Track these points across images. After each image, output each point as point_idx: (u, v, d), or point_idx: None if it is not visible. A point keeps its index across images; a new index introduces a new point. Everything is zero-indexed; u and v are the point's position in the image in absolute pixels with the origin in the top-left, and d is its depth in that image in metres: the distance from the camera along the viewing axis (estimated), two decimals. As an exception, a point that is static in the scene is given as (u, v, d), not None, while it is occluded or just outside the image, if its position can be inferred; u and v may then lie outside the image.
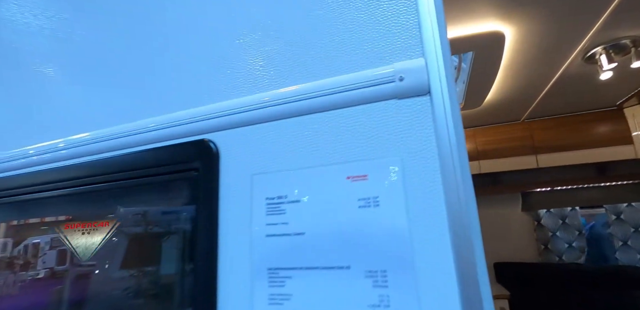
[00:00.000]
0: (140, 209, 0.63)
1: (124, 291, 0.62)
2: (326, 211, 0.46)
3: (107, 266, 0.62)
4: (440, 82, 0.44)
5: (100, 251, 0.60)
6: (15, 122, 0.78)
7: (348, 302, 0.43)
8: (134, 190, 0.63)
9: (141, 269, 0.60)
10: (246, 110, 0.54)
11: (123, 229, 0.63)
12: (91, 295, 0.67)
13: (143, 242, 0.62)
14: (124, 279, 0.61)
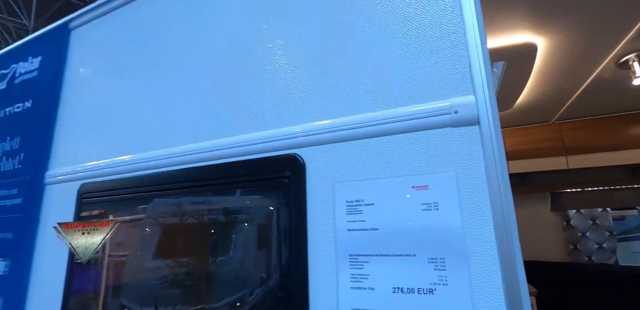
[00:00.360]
0: (242, 206, 0.79)
1: (242, 266, 0.79)
2: (396, 212, 0.61)
3: (227, 251, 0.79)
4: (487, 114, 0.58)
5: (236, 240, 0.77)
6: (149, 131, 0.97)
7: (414, 281, 0.57)
8: (234, 193, 0.79)
9: (250, 252, 0.76)
10: (327, 132, 0.69)
11: (228, 221, 0.80)
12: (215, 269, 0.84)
13: (248, 233, 0.79)
14: (245, 258, 0.78)
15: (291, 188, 0.70)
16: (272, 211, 0.74)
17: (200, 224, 0.86)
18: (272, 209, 0.74)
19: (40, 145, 1.17)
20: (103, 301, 0.93)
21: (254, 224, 0.78)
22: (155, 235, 0.94)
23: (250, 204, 0.79)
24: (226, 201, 0.82)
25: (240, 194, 0.80)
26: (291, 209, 0.69)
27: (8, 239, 1.12)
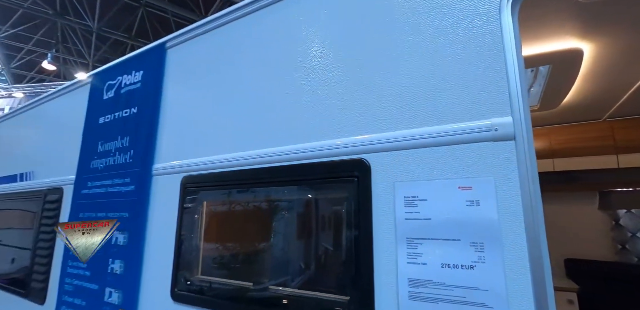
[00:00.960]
0: (320, 198, 1.01)
1: (322, 244, 1.01)
2: (445, 206, 0.78)
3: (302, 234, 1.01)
4: (522, 132, 0.73)
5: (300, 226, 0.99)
6: (240, 134, 1.21)
7: (458, 259, 0.75)
8: (313, 186, 1.01)
9: (327, 234, 0.97)
10: (389, 142, 0.88)
11: (307, 211, 1.02)
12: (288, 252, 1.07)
13: (325, 219, 1.00)
14: (324, 238, 1.00)
15: (359, 185, 0.90)
16: (344, 203, 0.94)
17: (283, 211, 1.08)
18: (344, 201, 0.94)
19: (146, 143, 1.45)
20: (202, 264, 1.19)
21: (330, 212, 0.99)
22: (246, 219, 1.18)
23: (326, 196, 1.00)
24: (308, 194, 1.04)
25: (318, 188, 1.02)
26: (359, 201, 0.89)
27: (125, 217, 1.42)
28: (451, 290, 0.74)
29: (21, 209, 2.16)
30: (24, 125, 2.38)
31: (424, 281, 0.77)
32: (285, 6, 1.17)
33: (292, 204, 1.09)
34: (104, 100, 1.73)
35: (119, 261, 1.38)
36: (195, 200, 1.26)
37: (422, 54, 0.88)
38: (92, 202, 1.59)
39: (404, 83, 0.89)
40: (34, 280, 1.80)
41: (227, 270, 1.19)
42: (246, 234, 1.22)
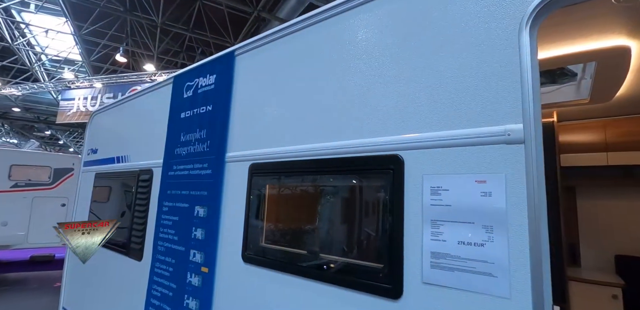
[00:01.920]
0: (362, 185, 1.23)
1: (362, 224, 1.25)
2: (463, 196, 0.97)
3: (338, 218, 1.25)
4: (530, 137, 0.89)
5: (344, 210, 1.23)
6: (297, 130, 1.47)
7: (472, 238, 0.94)
8: (357, 175, 1.23)
9: (366, 216, 1.21)
10: (420, 141, 1.07)
11: (347, 197, 1.25)
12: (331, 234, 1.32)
13: (365, 203, 1.23)
14: (364, 219, 1.24)
15: (394, 176, 1.10)
16: (381, 190, 1.16)
17: (331, 194, 1.33)
18: (381, 189, 1.16)
19: (220, 136, 1.76)
20: (265, 234, 1.48)
21: (370, 197, 1.22)
22: (301, 199, 1.44)
23: (367, 184, 1.23)
24: (352, 181, 1.27)
25: (361, 177, 1.24)
26: (394, 189, 1.10)
27: (204, 195, 1.76)
28: (464, 262, 0.94)
29: (120, 186, 2.64)
30: (120, 116, 2.84)
31: (443, 254, 0.97)
32: (337, 22, 1.37)
33: (338, 189, 1.33)
34: (184, 98, 2.06)
35: (201, 229, 1.72)
36: (259, 183, 1.55)
37: (450, 70, 1.05)
38: (178, 182, 1.96)
39: (434, 94, 1.07)
40: (132, 242, 2.25)
41: (285, 240, 1.48)
42: (301, 212, 1.49)
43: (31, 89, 11.35)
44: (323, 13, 1.42)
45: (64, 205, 7.96)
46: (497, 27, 0.98)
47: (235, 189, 1.63)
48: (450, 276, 0.95)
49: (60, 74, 13.61)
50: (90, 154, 3.14)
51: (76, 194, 3.24)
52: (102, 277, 2.56)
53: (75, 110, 11.39)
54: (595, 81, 2.04)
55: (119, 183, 2.66)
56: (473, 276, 0.92)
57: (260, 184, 1.55)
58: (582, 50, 1.62)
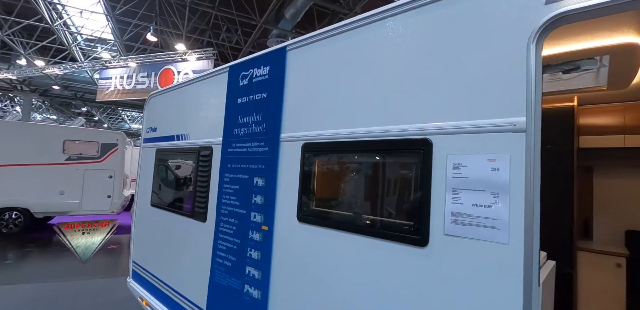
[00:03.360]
0: (400, 163, 1.57)
1: (399, 192, 1.59)
2: (477, 171, 1.28)
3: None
4: (531, 128, 1.18)
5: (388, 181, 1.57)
6: (343, 114, 1.80)
7: (482, 202, 1.26)
8: (393, 154, 1.57)
9: (402, 187, 1.55)
10: (445, 128, 1.37)
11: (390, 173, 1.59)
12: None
13: (400, 177, 1.56)
14: (401, 189, 1.58)
15: (424, 155, 1.42)
16: (413, 166, 1.48)
17: (372, 168, 1.67)
18: (413, 165, 1.48)
19: (275, 119, 2.11)
20: (315, 200, 1.86)
21: (404, 171, 1.55)
22: (347, 173, 1.79)
23: (402, 161, 1.56)
24: (389, 158, 1.60)
25: (396, 156, 1.57)
26: (423, 165, 1.42)
27: (262, 168, 2.13)
28: (476, 219, 1.27)
29: (181, 159, 3.08)
30: (178, 99, 3.23)
31: (461, 213, 1.30)
32: (378, 25, 1.65)
33: (377, 165, 1.67)
34: (240, 86, 2.41)
35: (260, 196, 2.11)
36: (311, 159, 1.90)
37: (471, 72, 1.33)
38: (237, 157, 2.34)
39: (458, 91, 1.36)
40: (197, 207, 2.70)
41: (332, 205, 1.84)
42: (346, 183, 1.84)
43: (72, 68, 12.02)
44: (365, 19, 1.70)
45: (111, 177, 8.72)
46: (511, 41, 1.24)
47: (289, 164, 1.99)
48: (465, 229, 1.29)
49: (94, 53, 14.20)
50: (150, 132, 3.59)
51: (138, 166, 3.73)
52: (168, 236, 3.06)
53: (113, 89, 12.03)
54: (610, 71, 2.24)
55: (180, 157, 3.10)
56: (482, 229, 1.25)
57: (311, 159, 1.90)
58: (593, 46, 1.83)
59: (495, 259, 1.21)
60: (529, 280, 1.14)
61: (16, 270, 5.91)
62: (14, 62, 13.51)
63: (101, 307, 4.29)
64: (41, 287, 4.91)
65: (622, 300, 2.78)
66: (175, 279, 2.90)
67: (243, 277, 2.13)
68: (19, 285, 5.00)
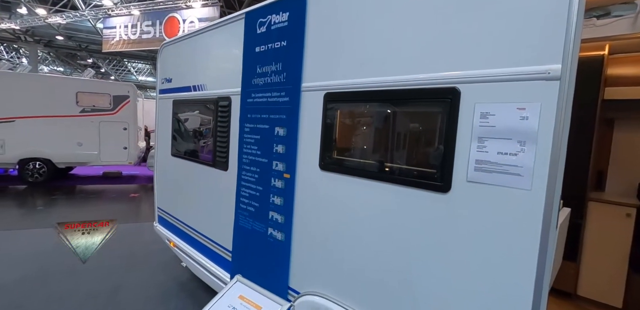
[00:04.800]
0: (427, 111, 1.57)
1: (429, 141, 1.62)
2: (506, 119, 1.28)
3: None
4: (566, 75, 1.15)
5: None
6: (365, 63, 1.76)
7: (508, 150, 1.28)
8: (419, 104, 1.56)
9: (428, 134, 1.56)
10: (474, 76, 1.35)
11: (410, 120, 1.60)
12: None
13: (427, 125, 1.57)
14: (428, 137, 1.60)
15: (451, 104, 1.42)
16: (440, 114, 1.49)
17: (396, 117, 1.67)
18: (440, 114, 1.48)
19: (295, 68, 2.07)
20: (336, 148, 1.90)
21: (430, 119, 1.56)
22: (370, 121, 1.81)
23: (428, 110, 1.56)
24: (416, 107, 1.60)
25: (424, 104, 1.57)
26: (450, 113, 1.42)
27: (283, 118, 2.15)
28: (500, 166, 1.30)
29: (200, 110, 3.10)
30: (192, 48, 3.16)
31: (485, 161, 1.33)
32: (411, -36, 1.53)
33: (403, 114, 1.67)
34: (258, 34, 2.33)
35: (281, 145, 2.16)
36: (333, 109, 1.90)
37: (505, 16, 1.27)
38: (257, 107, 2.35)
39: (490, 37, 1.31)
40: (218, 157, 2.78)
41: (355, 153, 1.89)
42: (369, 131, 1.86)
43: (74, 17, 11.58)
44: (397, -45, 1.57)
45: (125, 129, 8.87)
46: (557, -22, 1.16)
47: (311, 114, 2.00)
48: (488, 176, 1.33)
49: (95, 0, 13.55)
50: (165, 83, 3.57)
51: (156, 117, 3.77)
52: (190, 183, 3.20)
53: (119, 39, 11.67)
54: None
55: (198, 108, 3.12)
56: (505, 176, 1.29)
57: (334, 109, 1.90)
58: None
59: (516, 203, 1.26)
60: (547, 224, 1.20)
61: (47, 215, 6.33)
62: (14, 10, 13.02)
63: (131, 247, 4.66)
64: (73, 231, 5.30)
65: (627, 248, 2.91)
66: (200, 222, 3.09)
67: (267, 221, 2.27)
68: (54, 228, 5.39)
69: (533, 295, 1.22)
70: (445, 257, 1.44)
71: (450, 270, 1.42)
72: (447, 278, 1.43)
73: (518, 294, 1.25)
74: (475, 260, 1.35)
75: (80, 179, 9.68)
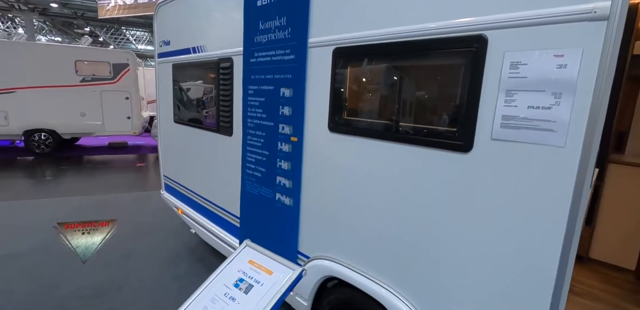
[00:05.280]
0: (450, 63, 1.42)
1: (453, 93, 1.49)
2: (539, 69, 1.14)
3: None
4: (615, 15, 0.99)
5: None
6: (376, 14, 1.59)
7: (541, 103, 1.15)
8: (439, 55, 1.41)
9: (453, 86, 1.43)
10: (501, 21, 1.19)
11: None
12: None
13: (446, 77, 1.43)
14: (452, 88, 1.47)
15: (477, 53, 1.27)
16: (463, 66, 1.34)
17: (415, 71, 1.53)
18: (463, 65, 1.34)
19: (301, 22, 1.89)
20: (347, 108, 1.78)
21: (453, 72, 1.42)
22: (384, 77, 1.67)
23: (451, 62, 1.41)
24: (436, 59, 1.45)
25: (446, 56, 1.41)
26: (475, 64, 1.28)
27: (289, 77, 2.01)
28: (530, 122, 1.17)
29: (200, 74, 2.95)
30: (189, 7, 2.94)
31: (513, 116, 1.21)
32: None
33: (421, 68, 1.53)
34: (260, -16, 2.12)
35: (288, 107, 2.04)
36: (342, 66, 1.76)
37: (554, -57, 1.08)
38: (260, 68, 2.20)
39: (532, -30, 1.13)
40: (221, 122, 2.67)
41: (367, 113, 1.77)
42: (383, 88, 1.73)
43: (66, -20, 10.97)
44: None
45: (128, 99, 8.72)
46: None
47: (318, 72, 1.86)
48: (516, 133, 1.21)
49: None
50: (163, 46, 3.38)
51: (156, 83, 3.62)
52: (195, 150, 3.12)
53: (114, 4, 11.16)
54: None
55: (198, 72, 2.96)
56: (535, 132, 1.17)
57: (344, 66, 1.76)
58: None
59: (547, 162, 1.15)
60: (580, 185, 1.10)
61: (57, 185, 6.39)
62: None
63: (140, 215, 4.70)
64: (84, 199, 5.35)
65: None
66: (206, 189, 3.05)
67: (274, 186, 2.20)
68: (64, 198, 5.45)
69: (559, 261, 1.15)
70: (466, 220, 1.36)
71: (471, 233, 1.35)
72: (466, 242, 1.36)
73: (543, 259, 1.18)
74: (498, 223, 1.27)
75: (87, 150, 9.70)
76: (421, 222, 1.49)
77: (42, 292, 2.82)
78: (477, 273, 1.35)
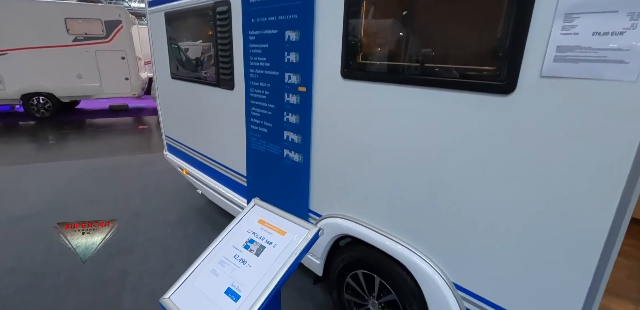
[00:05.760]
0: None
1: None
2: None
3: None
4: None
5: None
6: None
7: (610, 27, 0.92)
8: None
9: (477, 27, 1.19)
10: None
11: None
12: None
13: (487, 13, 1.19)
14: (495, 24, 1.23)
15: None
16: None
17: (440, 7, 1.28)
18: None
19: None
20: (362, 51, 1.55)
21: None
22: (405, 18, 1.42)
23: None
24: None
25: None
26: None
27: (294, 19, 1.75)
28: (594, 52, 0.96)
29: (195, 22, 2.66)
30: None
31: (572, 47, 0.99)
32: None
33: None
34: None
35: (294, 52, 1.80)
36: (356, 5, 1.49)
37: None
38: (262, 9, 1.93)
39: None
40: (221, 74, 2.44)
41: (387, 55, 1.54)
42: (404, 27, 1.48)
43: None
44: None
45: (124, 58, 8.35)
46: None
47: (329, 9, 1.60)
48: (573, 67, 1.00)
49: None
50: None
51: (149, 35, 3.34)
52: (196, 107, 2.93)
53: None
54: None
55: (193, 19, 2.67)
56: (600, 65, 0.95)
57: (357, 5, 1.49)
58: None
59: (612, 102, 0.95)
60: (652, 126, 0.91)
61: (61, 149, 6.31)
62: None
63: (146, 177, 4.64)
64: (89, 163, 5.28)
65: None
66: (210, 148, 2.91)
67: (282, 142, 2.03)
68: (68, 161, 5.38)
69: (611, 224, 0.99)
70: (504, 176, 1.19)
71: (507, 191, 1.18)
72: (502, 202, 1.20)
73: (594, 222, 1.02)
74: (541, 178, 1.10)
75: (88, 113, 9.51)
76: (450, 180, 1.33)
77: (54, 253, 2.81)
78: (516, 234, 1.20)
